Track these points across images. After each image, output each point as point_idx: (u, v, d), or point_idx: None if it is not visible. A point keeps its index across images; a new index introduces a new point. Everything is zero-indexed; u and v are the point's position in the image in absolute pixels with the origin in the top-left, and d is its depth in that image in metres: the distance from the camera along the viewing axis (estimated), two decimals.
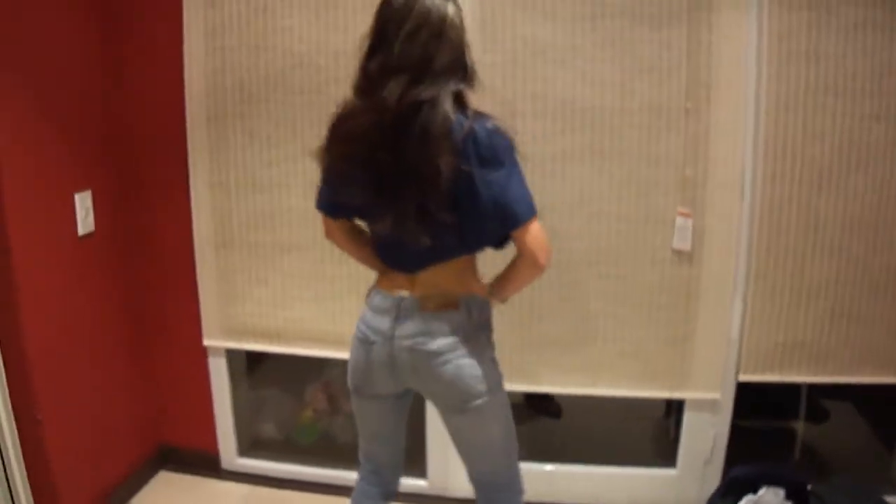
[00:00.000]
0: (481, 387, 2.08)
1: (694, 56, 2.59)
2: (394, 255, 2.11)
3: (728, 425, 2.91)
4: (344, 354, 2.31)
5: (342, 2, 2.74)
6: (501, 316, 2.85)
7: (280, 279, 3.05)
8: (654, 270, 2.78)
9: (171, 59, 2.97)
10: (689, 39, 2.58)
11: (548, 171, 2.76)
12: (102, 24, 2.98)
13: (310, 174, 2.34)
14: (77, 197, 2.86)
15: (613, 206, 2.76)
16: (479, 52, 2.66)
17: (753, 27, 2.54)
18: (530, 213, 1.95)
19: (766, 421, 3.28)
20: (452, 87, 1.91)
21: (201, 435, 3.43)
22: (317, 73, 2.82)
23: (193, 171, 3.05)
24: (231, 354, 3.34)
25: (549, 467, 3.13)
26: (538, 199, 2.61)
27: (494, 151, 1.90)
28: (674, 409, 3.20)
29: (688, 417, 2.95)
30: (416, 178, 1.87)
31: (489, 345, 2.18)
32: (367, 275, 2.28)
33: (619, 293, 2.83)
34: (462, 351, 2.05)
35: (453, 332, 2.05)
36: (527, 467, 2.42)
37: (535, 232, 1.96)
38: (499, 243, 2.08)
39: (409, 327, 2.06)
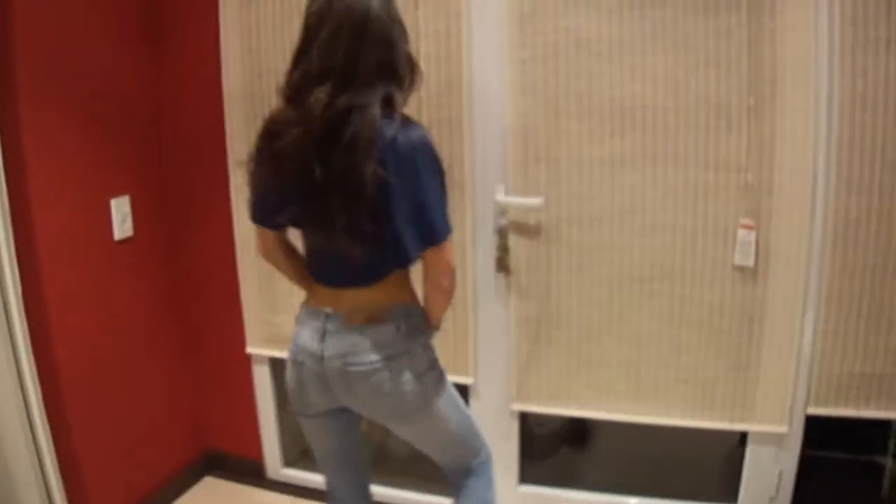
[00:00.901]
0: (419, 400, 2.05)
1: (756, 46, 2.27)
2: (326, 271, 2.03)
3: (796, 461, 2.58)
4: None
5: None
6: (548, 335, 2.68)
7: None
8: (713, 289, 2.48)
9: (210, 62, 2.90)
10: (750, 27, 2.26)
11: (595, 177, 2.51)
12: (142, 26, 2.93)
13: None
14: (113, 202, 2.82)
15: (668, 217, 2.47)
16: (517, 47, 2.48)
17: (824, 12, 2.19)
18: (446, 232, 1.93)
19: (848, 453, 2.92)
20: (382, 90, 1.81)
21: (246, 442, 3.38)
22: None
23: (234, 175, 2.95)
24: (278, 363, 3.22)
25: (599, 498, 2.89)
26: (586, 208, 2.43)
27: (413, 163, 1.84)
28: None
29: (751, 451, 2.64)
30: (344, 188, 1.79)
31: (425, 350, 2.09)
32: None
33: (674, 313, 2.55)
34: (395, 365, 1.99)
35: (382, 348, 1.97)
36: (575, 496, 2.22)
37: (447, 253, 1.96)
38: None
39: (336, 345, 1.98)
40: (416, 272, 2.04)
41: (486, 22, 2.49)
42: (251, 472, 3.40)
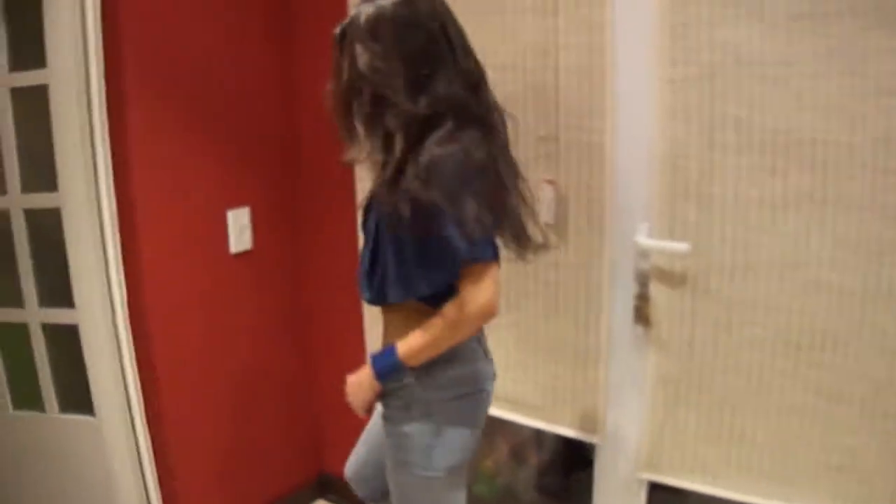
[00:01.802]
0: None
1: None
2: None
3: None
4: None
5: (510, 4, 2.36)
6: (687, 399, 2.38)
7: None
8: (881, 364, 2.05)
9: None
10: None
11: (752, 221, 2.16)
12: (270, 24, 2.88)
13: None
14: (230, 213, 2.75)
15: (835, 275, 2.08)
16: (667, 64, 2.18)
17: None
18: None
19: None
20: None
21: None
22: None
23: (360, 187, 2.81)
24: None
25: None
26: (740, 257, 2.24)
27: None
28: None
29: None
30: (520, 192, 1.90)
31: None
32: (535, 322, 2.53)
33: (833, 388, 2.13)
34: None
35: None
36: None
37: None
38: None
39: None
40: None
41: (633, 34, 2.21)
42: None
